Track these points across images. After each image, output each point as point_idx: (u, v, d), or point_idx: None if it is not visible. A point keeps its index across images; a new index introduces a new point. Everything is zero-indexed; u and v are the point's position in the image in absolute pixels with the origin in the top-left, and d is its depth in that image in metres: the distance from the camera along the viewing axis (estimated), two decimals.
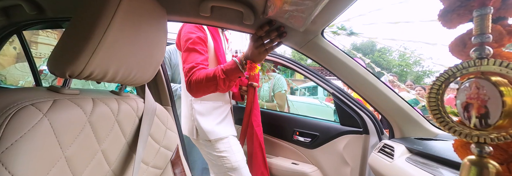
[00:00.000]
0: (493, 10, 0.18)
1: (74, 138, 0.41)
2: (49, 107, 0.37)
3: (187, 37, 0.85)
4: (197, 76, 0.80)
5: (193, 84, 0.80)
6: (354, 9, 0.63)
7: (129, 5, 0.46)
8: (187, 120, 0.97)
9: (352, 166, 1.00)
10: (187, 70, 0.82)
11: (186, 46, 0.84)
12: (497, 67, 0.14)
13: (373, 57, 18.03)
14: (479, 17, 0.15)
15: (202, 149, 0.96)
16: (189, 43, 0.84)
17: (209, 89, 0.80)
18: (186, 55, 0.84)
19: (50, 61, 0.42)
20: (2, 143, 0.30)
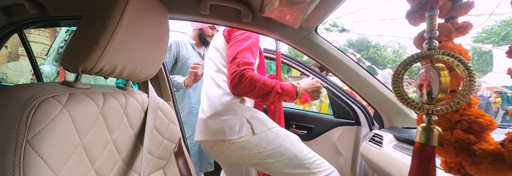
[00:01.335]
0: (445, 11, 0.23)
1: (90, 128, 0.45)
2: (66, 99, 0.41)
3: (247, 35, 0.84)
4: (252, 75, 0.76)
5: (246, 81, 0.75)
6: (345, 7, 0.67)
7: (135, 5, 0.49)
8: (230, 117, 0.81)
9: (345, 156, 1.07)
10: (241, 63, 0.77)
11: (244, 41, 0.82)
12: (440, 56, 0.19)
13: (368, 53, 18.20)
14: (429, 17, 0.20)
15: (247, 149, 0.80)
16: (249, 42, 0.82)
17: (256, 93, 0.77)
18: (241, 49, 0.80)
19: (64, 57, 0.46)
20: (31, 130, 0.34)
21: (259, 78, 0.77)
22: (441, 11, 0.23)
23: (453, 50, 0.21)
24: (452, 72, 0.21)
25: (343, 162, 1.07)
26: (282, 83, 0.81)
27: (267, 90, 0.77)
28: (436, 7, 0.19)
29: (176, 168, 0.81)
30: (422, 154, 0.19)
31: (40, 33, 4.23)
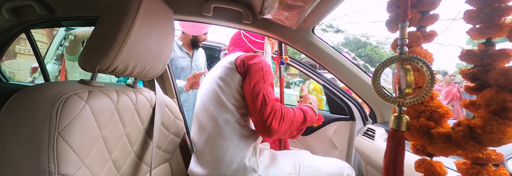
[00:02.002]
0: (416, 22, 0.28)
1: (107, 122, 0.49)
2: (87, 96, 0.46)
3: (264, 63, 0.75)
4: (286, 112, 0.68)
5: (284, 120, 0.66)
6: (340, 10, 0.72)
7: (146, 8, 0.53)
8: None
9: (340, 149, 1.13)
10: (271, 102, 0.67)
11: (264, 73, 0.72)
12: (408, 59, 0.24)
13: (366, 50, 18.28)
14: (401, 28, 0.25)
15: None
16: (268, 71, 0.74)
17: (291, 129, 0.69)
18: (266, 86, 0.70)
19: (82, 58, 0.50)
20: (61, 123, 0.38)
21: (289, 112, 0.69)
22: (413, 22, 0.28)
23: (420, 54, 0.26)
24: (419, 72, 0.26)
25: (338, 155, 1.13)
26: (304, 109, 0.75)
27: (300, 122, 0.70)
28: (406, 20, 0.24)
29: (181, 161, 0.86)
30: (394, 137, 0.25)
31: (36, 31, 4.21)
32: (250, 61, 0.74)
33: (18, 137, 0.36)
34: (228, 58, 0.80)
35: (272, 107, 0.67)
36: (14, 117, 0.38)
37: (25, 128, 0.37)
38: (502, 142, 0.18)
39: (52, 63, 2.16)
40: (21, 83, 1.17)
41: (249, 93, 0.70)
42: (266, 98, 0.68)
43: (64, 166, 0.37)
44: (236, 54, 0.81)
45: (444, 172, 0.25)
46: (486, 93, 0.20)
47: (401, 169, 0.24)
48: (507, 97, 0.18)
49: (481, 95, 0.20)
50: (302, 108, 0.75)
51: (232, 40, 0.96)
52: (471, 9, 0.22)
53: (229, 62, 0.77)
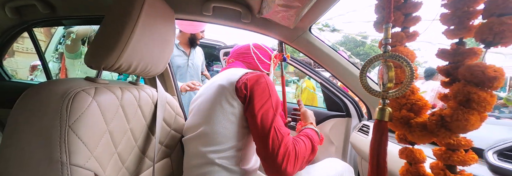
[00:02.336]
0: (400, 23, 0.31)
1: (113, 117, 0.52)
2: (94, 92, 0.48)
3: (272, 87, 0.66)
4: (299, 149, 0.62)
5: (298, 158, 0.61)
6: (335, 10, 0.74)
7: (148, 8, 0.55)
8: None
9: (337, 145, 1.16)
10: (284, 139, 0.59)
11: (273, 102, 0.63)
12: (391, 56, 0.27)
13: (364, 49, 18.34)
14: (385, 28, 0.27)
15: None
16: (278, 102, 0.66)
17: (301, 161, 0.63)
18: (276, 118, 0.62)
19: (88, 56, 0.52)
20: (71, 117, 0.41)
21: (301, 148, 0.62)
22: (397, 23, 0.31)
23: (402, 52, 0.28)
24: (401, 69, 0.29)
25: (334, 151, 1.16)
26: (310, 135, 0.69)
27: (309, 153, 0.65)
28: (390, 21, 0.27)
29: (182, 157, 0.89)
30: (378, 127, 0.27)
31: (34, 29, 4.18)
32: (255, 83, 0.63)
33: (32, 130, 0.39)
34: (228, 75, 0.68)
35: (286, 147, 0.58)
36: (27, 112, 0.40)
37: (38, 122, 0.39)
38: (467, 129, 0.21)
39: (52, 61, 2.18)
40: (23, 81, 1.19)
41: (256, 126, 0.60)
42: (278, 134, 0.58)
43: (75, 157, 0.40)
44: (237, 71, 0.70)
45: (424, 158, 0.28)
46: (455, 86, 0.23)
47: (384, 155, 0.27)
48: (471, 90, 0.21)
49: (451, 88, 0.23)
50: (308, 135, 0.69)
51: (237, 52, 0.87)
52: (446, 13, 0.25)
53: (228, 82, 0.65)
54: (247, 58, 0.85)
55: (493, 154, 0.42)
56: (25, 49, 4.15)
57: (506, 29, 0.19)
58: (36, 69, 2.36)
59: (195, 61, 1.54)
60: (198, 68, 1.56)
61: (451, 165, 0.24)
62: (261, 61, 0.85)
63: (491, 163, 0.41)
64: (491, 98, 0.20)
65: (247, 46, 0.87)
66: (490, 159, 0.41)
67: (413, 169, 0.28)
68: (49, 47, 2.32)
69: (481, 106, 0.20)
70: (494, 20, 0.20)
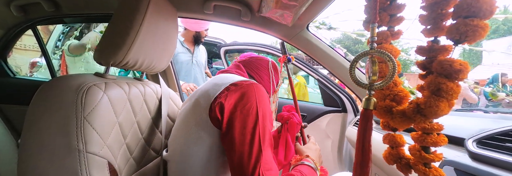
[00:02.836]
0: (386, 22, 0.34)
1: (121, 110, 0.55)
2: (104, 87, 0.51)
3: (265, 108, 0.51)
4: None
5: None
6: (331, 8, 0.77)
7: (153, 7, 0.58)
8: None
9: (333, 139, 1.21)
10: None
11: (261, 132, 0.48)
12: (376, 53, 0.30)
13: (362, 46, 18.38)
14: (371, 28, 0.31)
15: None
16: (268, 137, 0.50)
17: None
18: (263, 151, 0.47)
19: (97, 52, 0.55)
20: (86, 109, 0.44)
21: None
22: (383, 22, 0.34)
23: (387, 49, 0.32)
24: (386, 64, 0.33)
25: (331, 145, 1.21)
26: (303, 172, 0.55)
27: None
28: (375, 21, 0.30)
29: None
30: (365, 115, 0.31)
31: None
32: (237, 104, 0.49)
33: (51, 121, 0.42)
34: (213, 85, 0.55)
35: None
36: (45, 104, 0.43)
37: (56, 114, 0.43)
38: (438, 114, 0.25)
39: (54, 58, 2.20)
40: (27, 78, 1.21)
41: (233, 165, 0.47)
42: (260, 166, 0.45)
43: (91, 145, 0.43)
44: (226, 79, 0.56)
45: (404, 142, 0.32)
46: (429, 78, 0.26)
47: (369, 139, 0.31)
48: (441, 80, 0.25)
49: (425, 79, 0.27)
50: (300, 172, 0.53)
51: (251, 61, 0.73)
52: (423, 14, 0.29)
53: (205, 98, 0.52)
54: (260, 71, 0.72)
55: (472, 143, 0.46)
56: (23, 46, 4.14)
57: (469, 29, 0.22)
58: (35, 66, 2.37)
59: (199, 59, 1.58)
60: (202, 66, 1.60)
61: (425, 146, 0.28)
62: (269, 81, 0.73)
63: (471, 150, 0.45)
64: (457, 88, 0.24)
65: (266, 61, 0.75)
66: (470, 147, 0.46)
67: (394, 152, 0.32)
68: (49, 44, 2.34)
69: (449, 94, 0.24)
70: (460, 21, 0.23)
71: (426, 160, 0.28)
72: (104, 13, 0.96)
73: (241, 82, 0.54)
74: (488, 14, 0.22)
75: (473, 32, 0.23)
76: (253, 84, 0.53)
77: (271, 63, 0.76)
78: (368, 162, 0.30)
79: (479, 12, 0.22)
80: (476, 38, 0.23)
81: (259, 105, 0.49)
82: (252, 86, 0.52)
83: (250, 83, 0.53)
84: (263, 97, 0.52)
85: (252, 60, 0.75)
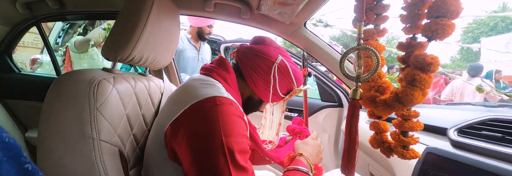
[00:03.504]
0: (372, 21, 0.38)
1: (128, 102, 0.59)
2: (113, 81, 0.55)
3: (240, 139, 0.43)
4: None
5: None
6: (327, 7, 0.81)
7: (157, 5, 0.61)
8: None
9: (329, 133, 1.25)
10: None
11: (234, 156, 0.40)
12: (362, 48, 0.34)
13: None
14: (359, 26, 0.34)
15: None
16: (242, 155, 0.42)
17: None
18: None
19: (105, 49, 0.59)
20: (98, 101, 0.48)
21: None
22: (370, 21, 0.38)
23: (372, 45, 0.36)
24: (371, 58, 0.36)
25: (327, 138, 1.25)
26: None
27: None
28: (362, 20, 0.34)
29: None
30: (352, 104, 0.35)
31: None
32: (194, 135, 0.42)
33: (67, 112, 0.46)
34: (173, 103, 0.50)
35: None
36: (61, 97, 0.47)
37: (71, 105, 0.46)
38: (413, 102, 0.29)
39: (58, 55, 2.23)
40: (32, 74, 1.24)
41: None
42: None
43: (103, 134, 0.47)
44: (189, 96, 0.47)
45: (387, 129, 0.36)
46: (406, 70, 0.30)
47: (356, 125, 0.35)
48: (416, 72, 0.28)
49: (404, 72, 0.31)
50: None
51: (247, 57, 0.57)
52: (404, 14, 0.32)
53: (164, 119, 0.48)
54: (255, 72, 0.55)
55: (454, 132, 0.50)
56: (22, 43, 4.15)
57: (439, 27, 0.26)
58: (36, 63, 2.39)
59: (204, 56, 1.62)
60: (207, 62, 1.64)
61: (404, 131, 0.32)
62: (273, 91, 0.55)
63: (452, 139, 0.49)
64: (429, 79, 0.28)
65: (270, 62, 0.55)
66: (451, 135, 0.50)
67: (378, 137, 0.36)
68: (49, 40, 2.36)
69: (422, 84, 0.28)
70: (432, 21, 0.27)
71: (404, 143, 0.32)
72: (107, 11, 0.99)
73: (201, 103, 0.43)
74: (455, 14, 0.26)
75: (442, 30, 0.26)
76: (217, 107, 0.42)
77: (278, 65, 0.54)
78: (355, 144, 0.34)
79: (447, 13, 0.26)
80: (445, 35, 0.27)
81: (225, 133, 0.40)
82: (216, 110, 0.42)
83: (212, 106, 0.42)
84: (230, 120, 0.42)
85: (251, 55, 0.55)
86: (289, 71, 0.55)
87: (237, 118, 0.43)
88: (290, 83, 0.57)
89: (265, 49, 0.56)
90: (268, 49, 0.56)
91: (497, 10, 14.90)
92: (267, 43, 0.60)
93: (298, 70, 0.58)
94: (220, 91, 0.47)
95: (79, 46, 1.38)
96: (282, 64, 0.55)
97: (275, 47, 0.59)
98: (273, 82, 0.54)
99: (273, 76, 0.54)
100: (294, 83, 0.57)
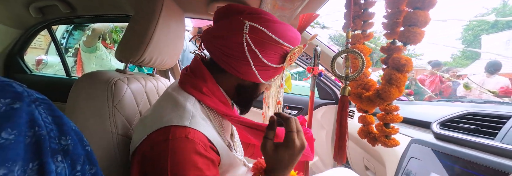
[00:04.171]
0: (360, 27, 0.43)
1: (140, 101, 0.65)
2: (127, 81, 0.60)
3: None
4: None
5: None
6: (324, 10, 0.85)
7: (165, 10, 0.66)
8: None
9: (327, 129, 1.30)
10: None
11: None
12: (350, 52, 0.39)
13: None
14: (347, 32, 0.39)
15: None
16: None
17: None
18: None
19: (118, 52, 0.64)
20: (115, 99, 0.53)
21: None
22: (358, 27, 0.43)
23: (359, 48, 0.41)
24: (357, 60, 0.41)
25: (325, 134, 1.31)
26: None
27: None
28: (350, 27, 0.39)
29: None
30: (342, 99, 0.40)
31: None
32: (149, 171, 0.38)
33: (88, 109, 0.51)
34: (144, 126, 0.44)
35: None
36: (82, 95, 0.53)
37: (92, 103, 0.52)
38: (391, 97, 0.34)
39: (55, 55, 2.29)
40: (43, 74, 1.29)
41: None
42: None
43: (121, 129, 0.53)
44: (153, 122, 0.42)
45: (372, 121, 0.41)
46: (385, 70, 0.35)
47: (346, 118, 0.40)
48: (393, 72, 0.34)
49: (384, 72, 0.36)
50: None
51: (212, 44, 0.46)
52: (385, 22, 0.37)
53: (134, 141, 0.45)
54: (230, 58, 0.45)
55: (437, 125, 0.56)
56: None
57: (411, 35, 0.31)
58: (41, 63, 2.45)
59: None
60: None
61: (386, 123, 0.38)
62: (259, 66, 0.44)
63: (434, 131, 0.54)
64: (403, 78, 0.33)
65: (239, 37, 0.42)
66: (434, 128, 0.55)
67: (365, 128, 0.41)
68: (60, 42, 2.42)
69: (398, 82, 0.33)
70: (406, 28, 0.32)
71: (386, 133, 0.37)
72: (115, 14, 1.04)
73: (156, 135, 0.39)
74: (423, 24, 0.31)
75: (413, 36, 0.31)
76: (168, 142, 0.37)
77: (248, 36, 0.41)
78: (344, 134, 0.40)
79: (417, 22, 0.31)
80: (416, 41, 0.32)
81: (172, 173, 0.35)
82: (166, 146, 0.37)
83: (164, 140, 0.38)
84: (181, 159, 0.36)
85: (212, 39, 0.45)
86: (270, 36, 0.41)
87: (189, 155, 0.36)
88: (280, 47, 0.42)
89: (225, 24, 0.44)
90: (229, 22, 0.44)
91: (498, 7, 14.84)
92: (229, 13, 0.45)
93: (285, 27, 0.43)
94: (182, 116, 0.40)
95: (88, 42, 1.42)
96: (255, 32, 0.41)
97: (238, 13, 0.44)
98: (253, 59, 0.42)
99: (249, 52, 0.41)
100: (285, 45, 0.42)
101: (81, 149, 0.21)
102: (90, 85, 0.54)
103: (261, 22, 0.41)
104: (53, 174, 0.17)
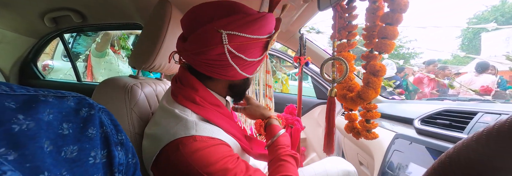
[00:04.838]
0: (345, 37, 0.50)
1: (152, 103, 0.71)
2: (140, 85, 0.67)
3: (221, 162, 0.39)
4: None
5: None
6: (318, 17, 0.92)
7: (173, 19, 0.73)
8: None
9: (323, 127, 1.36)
10: None
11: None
12: (336, 59, 0.46)
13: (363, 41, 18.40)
14: (333, 42, 0.46)
15: None
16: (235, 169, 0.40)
17: None
18: None
19: (131, 59, 0.71)
20: (131, 102, 0.60)
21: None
22: (343, 37, 0.50)
23: (344, 56, 0.48)
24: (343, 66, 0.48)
25: (321, 132, 1.37)
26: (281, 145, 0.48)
27: None
28: (336, 38, 0.46)
29: None
30: (329, 100, 0.47)
31: None
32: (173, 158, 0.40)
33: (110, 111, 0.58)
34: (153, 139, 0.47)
35: None
36: (103, 99, 0.60)
37: (112, 105, 0.59)
38: (369, 98, 0.41)
39: (60, 60, 2.37)
40: (55, 80, 1.37)
41: None
42: None
43: (137, 128, 0.60)
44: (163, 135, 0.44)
45: (357, 118, 0.48)
46: (364, 75, 0.42)
47: (333, 116, 0.47)
48: (370, 77, 0.40)
49: (363, 76, 0.43)
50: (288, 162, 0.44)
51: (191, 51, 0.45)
52: (364, 33, 0.44)
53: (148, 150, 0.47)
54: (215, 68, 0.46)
55: (418, 121, 0.62)
56: None
57: (383, 45, 0.38)
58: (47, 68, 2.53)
59: None
60: None
61: (367, 119, 0.44)
62: (245, 65, 0.45)
63: (416, 127, 0.61)
64: (378, 81, 0.40)
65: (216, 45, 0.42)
66: (415, 124, 0.62)
67: (350, 124, 0.48)
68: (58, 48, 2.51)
69: (374, 85, 0.40)
70: (380, 40, 0.39)
71: (367, 127, 0.44)
72: (124, 23, 1.11)
73: (169, 148, 0.41)
74: (392, 37, 0.38)
75: (385, 47, 0.38)
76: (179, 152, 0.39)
77: (229, 45, 0.41)
78: (332, 129, 0.46)
79: (388, 35, 0.38)
80: (388, 51, 0.39)
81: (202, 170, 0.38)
82: (180, 154, 0.39)
83: (175, 151, 0.39)
84: (198, 155, 0.38)
85: (193, 56, 0.45)
86: (248, 37, 0.41)
87: (206, 150, 0.39)
88: (260, 42, 0.43)
89: (201, 39, 0.42)
90: (203, 36, 0.41)
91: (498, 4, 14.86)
92: (197, 23, 0.44)
93: (258, 21, 0.41)
94: (187, 126, 0.42)
95: (99, 47, 1.49)
96: (233, 39, 0.40)
97: (207, 22, 0.42)
98: (238, 63, 0.43)
99: (233, 59, 0.42)
100: (264, 38, 0.43)
101: (129, 143, 0.28)
102: (109, 90, 0.61)
103: (236, 26, 0.40)
104: (117, 159, 0.24)
